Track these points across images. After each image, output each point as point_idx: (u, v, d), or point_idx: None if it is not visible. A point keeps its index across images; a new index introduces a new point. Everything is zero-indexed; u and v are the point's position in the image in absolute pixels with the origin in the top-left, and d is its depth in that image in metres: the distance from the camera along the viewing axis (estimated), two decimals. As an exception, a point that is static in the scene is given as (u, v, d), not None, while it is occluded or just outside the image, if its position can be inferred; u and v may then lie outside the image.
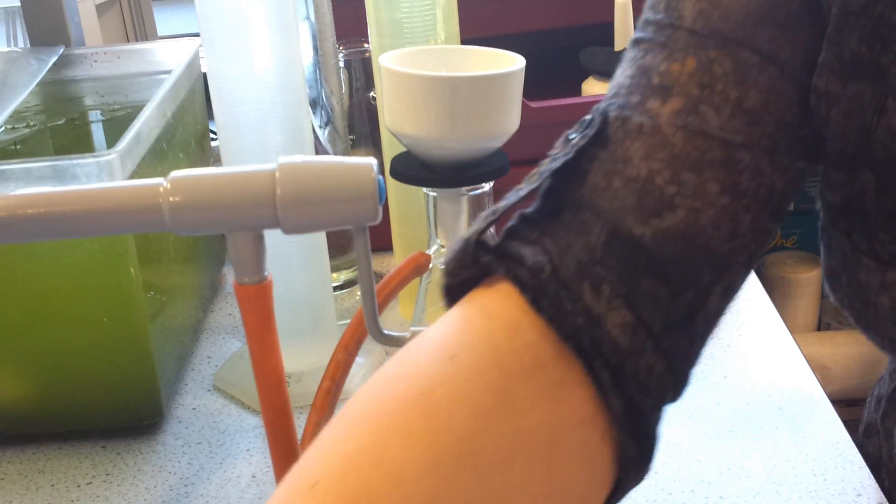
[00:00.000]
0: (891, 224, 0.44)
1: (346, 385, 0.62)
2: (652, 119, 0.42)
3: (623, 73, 0.45)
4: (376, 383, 0.39)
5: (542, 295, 0.39)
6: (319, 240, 0.76)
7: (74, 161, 0.64)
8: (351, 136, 0.94)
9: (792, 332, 0.81)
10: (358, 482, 0.34)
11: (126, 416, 0.73)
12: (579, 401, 0.39)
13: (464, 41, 0.76)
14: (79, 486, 0.69)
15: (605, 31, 0.96)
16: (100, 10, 1.22)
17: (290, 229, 0.46)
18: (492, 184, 0.66)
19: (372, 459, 0.35)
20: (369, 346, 0.74)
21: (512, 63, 0.65)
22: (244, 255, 0.47)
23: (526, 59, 0.64)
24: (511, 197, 0.45)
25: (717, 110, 0.42)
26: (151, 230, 0.46)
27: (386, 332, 0.53)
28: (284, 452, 0.50)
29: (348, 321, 0.81)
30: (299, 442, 0.53)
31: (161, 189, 0.45)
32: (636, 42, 0.46)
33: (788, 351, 0.78)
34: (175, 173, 0.46)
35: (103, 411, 0.73)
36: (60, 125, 0.90)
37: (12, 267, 0.68)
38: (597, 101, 0.46)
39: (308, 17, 0.83)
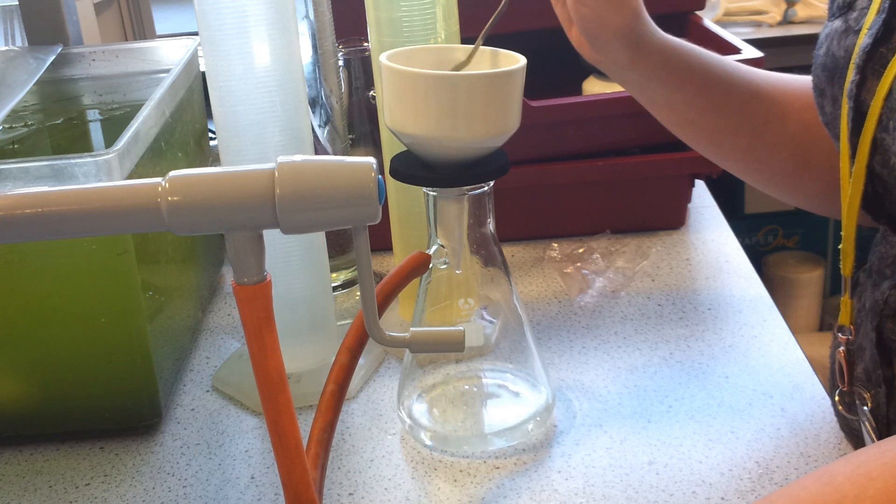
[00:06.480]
0: None
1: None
2: None
3: None
4: None
5: None
6: (319, 240, 0.75)
7: (72, 160, 0.64)
8: (350, 136, 0.94)
9: (794, 332, 0.81)
10: None
11: (124, 416, 0.73)
12: None
13: (464, 40, 0.76)
14: (77, 488, 0.68)
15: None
16: (98, 8, 1.21)
17: (289, 229, 0.45)
18: (492, 183, 0.66)
19: None
20: (369, 346, 0.73)
21: (513, 62, 0.64)
22: (243, 254, 0.46)
23: (526, 58, 0.64)
24: None
25: None
26: (150, 230, 0.46)
27: (386, 332, 0.53)
28: (289, 453, 0.50)
29: (348, 321, 0.82)
30: (305, 444, 0.52)
31: (160, 189, 0.45)
32: None
33: (790, 351, 0.78)
34: (174, 173, 0.45)
35: (101, 412, 0.73)
36: (58, 124, 0.90)
37: (10, 267, 0.68)
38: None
39: (307, 16, 0.83)
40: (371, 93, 0.93)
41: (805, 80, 0.74)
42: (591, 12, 0.67)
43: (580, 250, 0.94)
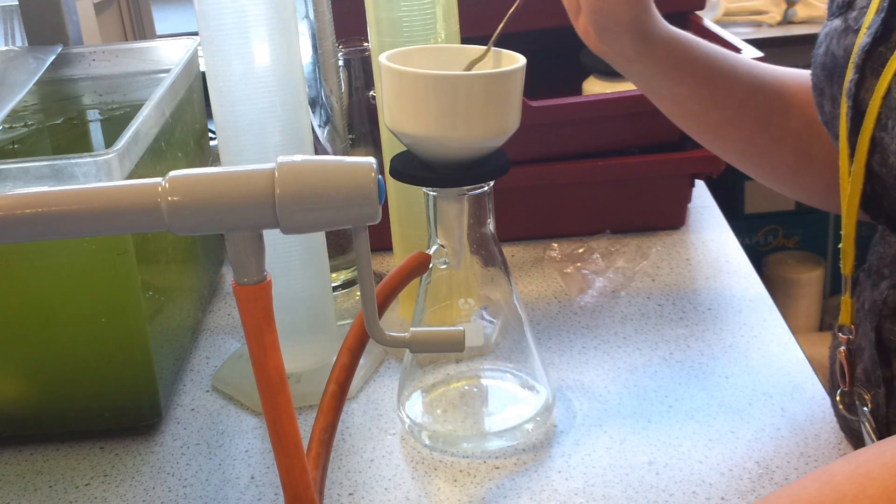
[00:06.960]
0: None
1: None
2: None
3: None
4: None
5: None
6: (319, 240, 0.75)
7: (72, 160, 0.64)
8: (350, 136, 0.94)
9: (794, 332, 0.81)
10: None
11: (124, 416, 0.73)
12: None
13: (464, 40, 0.76)
14: (77, 488, 0.68)
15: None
16: (98, 8, 1.21)
17: (289, 229, 0.45)
18: (492, 183, 0.66)
19: None
20: (369, 346, 0.73)
21: (513, 62, 0.64)
22: (243, 255, 0.46)
23: (526, 58, 0.64)
24: None
25: None
26: (150, 230, 0.46)
27: (386, 332, 0.53)
28: (288, 453, 0.50)
29: (348, 321, 0.82)
30: (305, 445, 0.52)
31: (160, 189, 0.45)
32: None
33: (790, 351, 0.78)
34: (174, 173, 0.45)
35: (101, 412, 0.73)
36: (58, 124, 0.90)
37: (10, 267, 0.68)
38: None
39: (307, 16, 0.83)
40: (371, 93, 0.93)
41: (808, 75, 0.74)
42: (604, 5, 0.67)
43: (580, 250, 0.94)
